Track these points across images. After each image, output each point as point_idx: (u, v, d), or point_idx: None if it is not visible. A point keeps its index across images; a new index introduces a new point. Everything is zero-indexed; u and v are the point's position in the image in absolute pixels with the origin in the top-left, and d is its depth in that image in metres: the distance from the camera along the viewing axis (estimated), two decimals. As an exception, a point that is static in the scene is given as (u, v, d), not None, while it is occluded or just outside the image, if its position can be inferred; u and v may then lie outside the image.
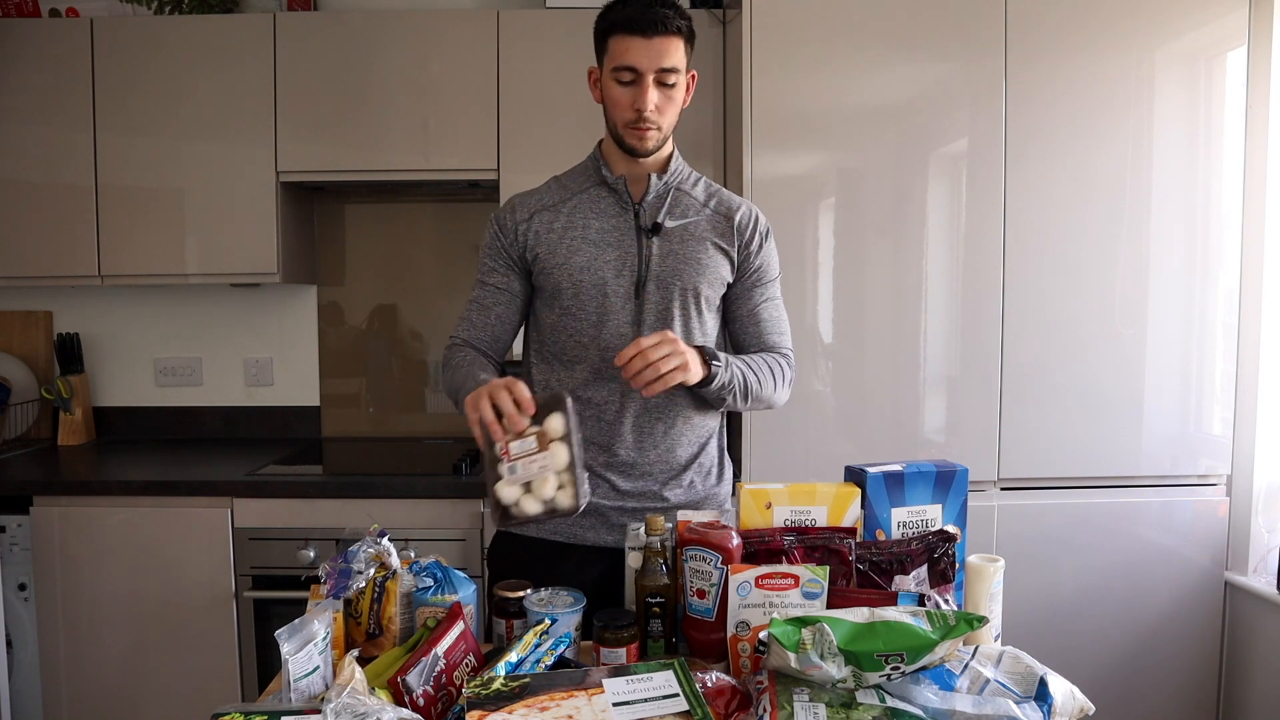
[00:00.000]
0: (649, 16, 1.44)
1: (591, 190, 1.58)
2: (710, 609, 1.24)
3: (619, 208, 1.57)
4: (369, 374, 2.99)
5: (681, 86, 1.51)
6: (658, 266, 1.54)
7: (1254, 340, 2.33)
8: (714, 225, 1.59)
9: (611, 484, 1.57)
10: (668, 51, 1.46)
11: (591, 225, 1.56)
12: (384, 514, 2.29)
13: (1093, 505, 2.34)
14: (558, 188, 1.61)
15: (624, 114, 1.49)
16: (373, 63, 2.56)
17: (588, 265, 1.54)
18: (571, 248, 1.55)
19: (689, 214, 1.58)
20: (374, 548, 1.26)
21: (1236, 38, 2.28)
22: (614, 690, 1.03)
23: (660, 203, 1.57)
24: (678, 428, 1.58)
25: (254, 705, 1.02)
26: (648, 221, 1.56)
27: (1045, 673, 1.07)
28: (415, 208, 2.94)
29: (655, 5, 1.46)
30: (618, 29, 1.47)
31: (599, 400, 1.56)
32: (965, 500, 1.38)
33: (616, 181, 1.56)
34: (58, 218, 2.58)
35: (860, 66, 2.27)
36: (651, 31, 1.44)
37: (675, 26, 1.46)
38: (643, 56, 1.45)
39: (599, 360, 1.55)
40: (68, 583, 2.35)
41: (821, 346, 2.34)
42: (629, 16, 1.46)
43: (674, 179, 1.59)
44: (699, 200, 1.61)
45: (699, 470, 1.62)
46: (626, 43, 1.46)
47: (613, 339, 1.54)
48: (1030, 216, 2.29)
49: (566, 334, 1.57)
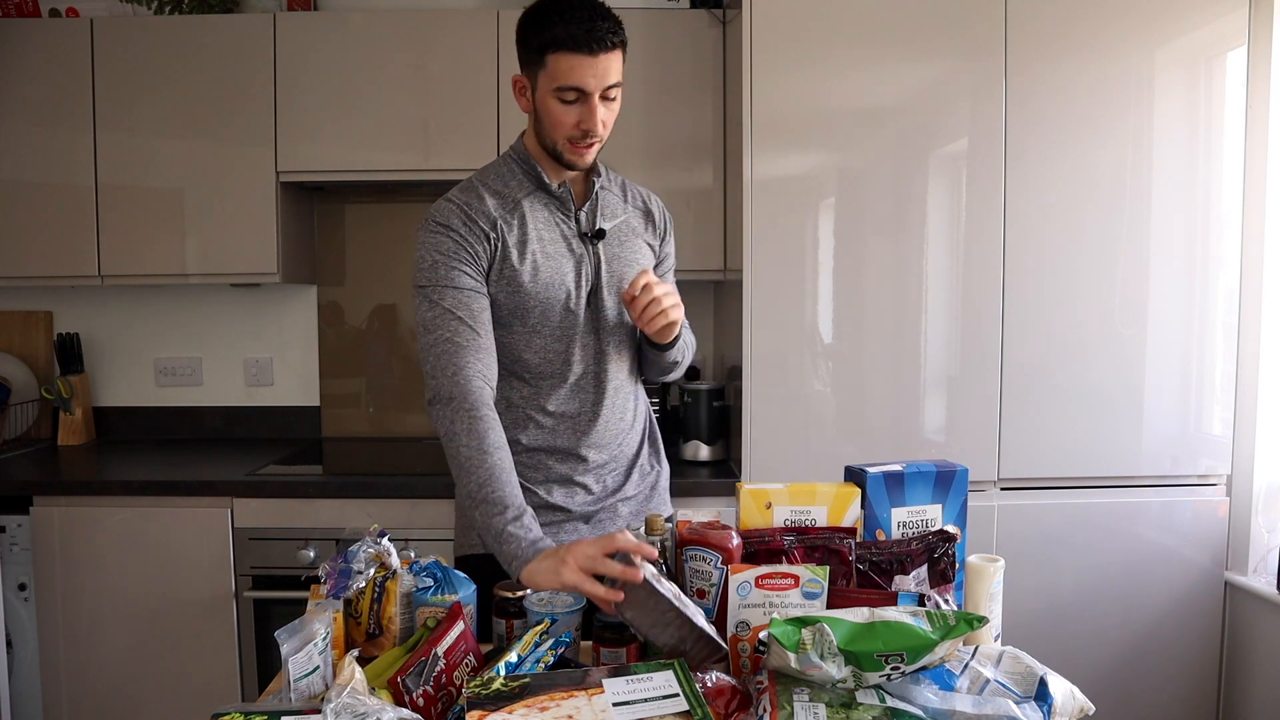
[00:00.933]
0: (594, 34, 1.37)
1: (532, 196, 1.52)
2: (710, 609, 1.24)
3: (563, 214, 1.54)
4: (369, 374, 2.99)
5: (619, 96, 1.46)
6: (606, 272, 1.54)
7: (1254, 340, 2.33)
8: (639, 221, 1.62)
9: (586, 488, 1.59)
10: (612, 68, 1.41)
11: (544, 236, 1.51)
12: (384, 514, 2.29)
13: (1093, 505, 2.34)
14: (493, 194, 1.51)
15: (567, 131, 1.44)
16: (373, 63, 2.56)
17: (551, 281, 1.50)
18: (535, 265, 1.49)
19: (617, 213, 1.59)
20: (374, 548, 1.26)
21: (1236, 38, 2.28)
22: (614, 690, 1.03)
23: (595, 204, 1.56)
24: (627, 420, 1.62)
25: (254, 705, 1.02)
26: (589, 227, 1.55)
27: (1045, 673, 1.07)
28: (415, 208, 2.94)
29: (596, 19, 1.38)
30: (559, 47, 1.38)
31: (572, 412, 1.57)
32: (965, 500, 1.38)
33: (561, 190, 1.52)
34: (58, 218, 2.58)
35: (860, 66, 2.27)
36: (597, 49, 1.37)
37: (617, 41, 1.40)
38: (589, 76, 1.39)
39: (571, 375, 1.55)
40: (68, 583, 2.35)
41: (821, 346, 2.34)
42: (572, 35, 1.37)
43: (604, 178, 1.58)
44: (619, 197, 1.61)
45: (646, 456, 1.68)
46: (570, 61, 1.38)
47: (579, 350, 1.54)
48: (1030, 216, 2.29)
49: (532, 352, 1.53)
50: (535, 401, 1.55)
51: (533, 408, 1.56)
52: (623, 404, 1.61)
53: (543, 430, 1.56)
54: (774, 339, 2.31)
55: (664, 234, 1.67)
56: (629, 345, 1.61)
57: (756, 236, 2.28)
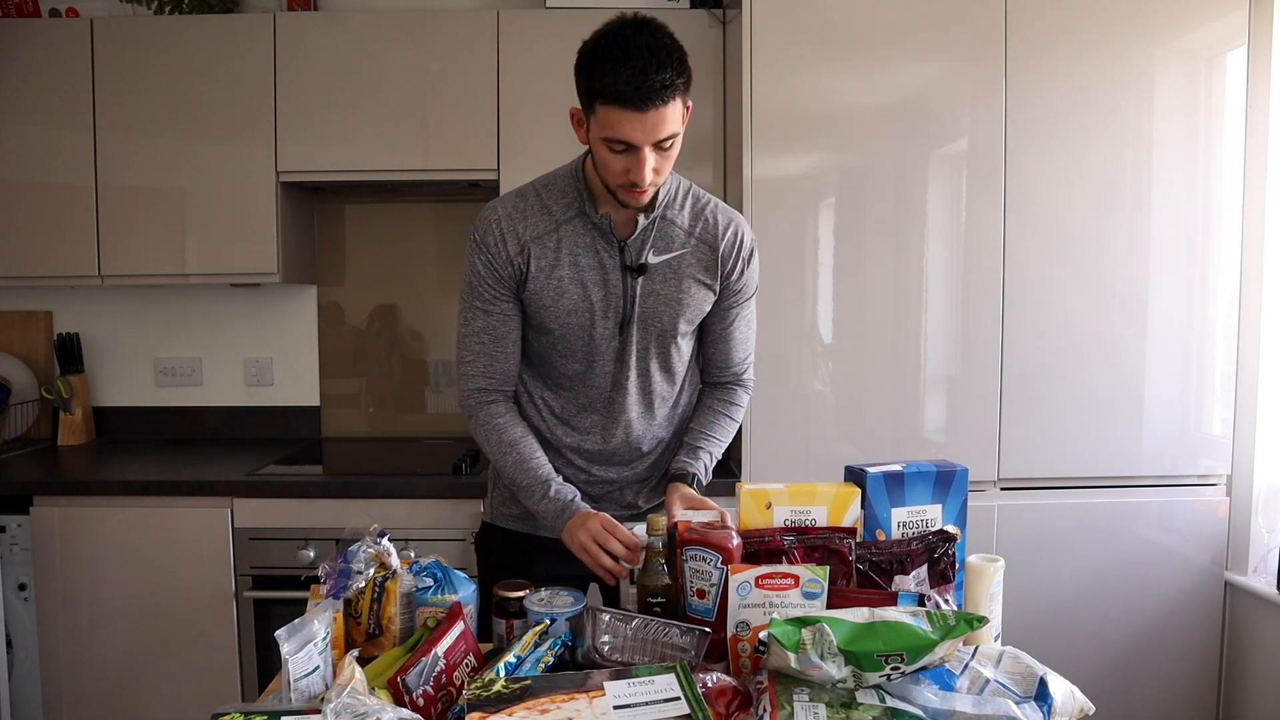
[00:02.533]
0: (645, 89, 1.27)
1: (575, 221, 1.49)
2: (710, 609, 1.24)
3: (605, 243, 1.50)
4: (369, 374, 2.99)
5: (679, 141, 1.38)
6: (641, 306, 1.52)
7: (1254, 340, 2.33)
8: (698, 258, 1.53)
9: (588, 489, 1.62)
10: (665, 121, 1.31)
11: (580, 263, 1.49)
12: (384, 514, 2.29)
13: (1093, 505, 2.34)
14: (541, 210, 1.50)
15: (617, 179, 1.38)
16: (373, 63, 2.56)
17: (574, 308, 1.50)
18: (560, 289, 1.49)
19: (673, 246, 1.52)
20: (374, 548, 1.26)
21: (1236, 38, 2.28)
22: (615, 693, 1.03)
23: (645, 236, 1.50)
24: (641, 450, 1.64)
25: (254, 705, 1.02)
26: (633, 259, 1.50)
27: (1045, 673, 1.07)
28: (415, 208, 2.94)
29: (650, 71, 1.27)
30: (608, 99, 1.30)
31: (583, 429, 1.60)
32: (965, 500, 1.38)
33: (602, 220, 1.48)
34: (58, 218, 2.58)
35: (860, 66, 2.27)
36: (648, 106, 1.28)
37: (673, 94, 1.30)
38: (638, 132, 1.31)
39: (584, 394, 1.58)
40: (68, 583, 2.35)
41: (821, 346, 2.34)
42: (621, 90, 1.28)
43: (660, 210, 1.50)
44: (683, 229, 1.53)
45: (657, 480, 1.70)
46: (619, 115, 1.30)
47: (597, 376, 1.56)
48: (1030, 216, 2.29)
49: (552, 364, 1.58)
50: (555, 408, 1.61)
51: (552, 413, 1.61)
52: (637, 435, 1.60)
53: (557, 434, 1.61)
54: (774, 339, 2.31)
55: (731, 273, 1.57)
56: (658, 380, 1.59)
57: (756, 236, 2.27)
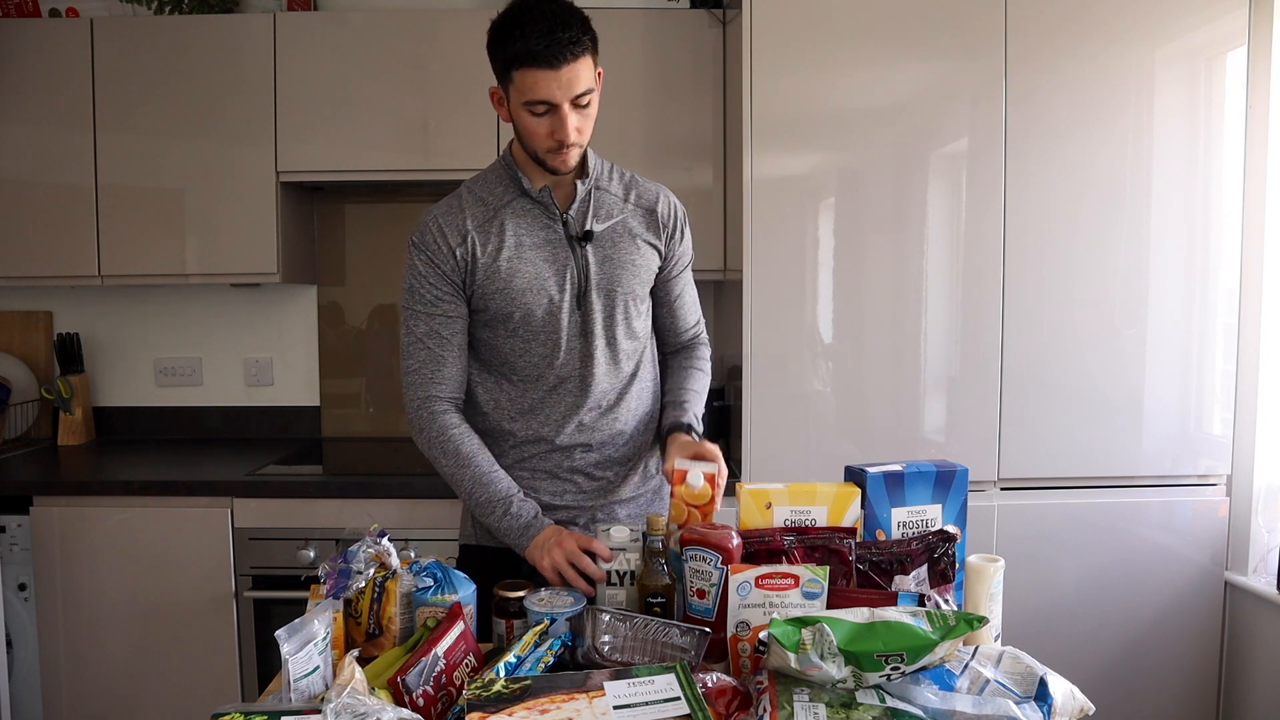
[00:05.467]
0: (554, 48, 1.35)
1: (514, 203, 1.52)
2: (710, 609, 1.25)
3: (547, 219, 1.52)
4: (369, 374, 2.99)
5: (596, 99, 1.44)
6: (597, 274, 1.53)
7: (1254, 340, 2.33)
8: (639, 220, 1.58)
9: (576, 485, 1.60)
10: (578, 77, 1.38)
11: (524, 242, 1.51)
12: (384, 514, 2.29)
13: (1093, 505, 2.34)
14: (476, 202, 1.53)
15: (543, 142, 1.43)
16: (372, 63, 2.56)
17: (529, 287, 1.51)
18: (512, 269, 1.50)
19: (613, 214, 1.56)
20: (374, 548, 1.26)
21: (1236, 38, 2.27)
22: (615, 693, 1.03)
23: (585, 207, 1.54)
24: (619, 424, 1.61)
25: (254, 705, 1.02)
26: (577, 229, 1.52)
27: (1045, 673, 1.07)
28: (415, 208, 2.93)
29: (556, 30, 1.35)
30: (522, 63, 1.37)
31: (557, 415, 1.57)
32: (965, 500, 1.38)
33: (541, 194, 1.51)
34: (58, 218, 2.58)
35: (860, 66, 2.27)
36: (559, 61, 1.36)
37: (581, 50, 1.38)
38: (554, 88, 1.37)
39: (553, 377, 1.56)
40: (68, 583, 2.35)
41: (821, 346, 2.34)
42: (532, 51, 1.35)
43: (593, 179, 1.54)
44: (619, 197, 1.58)
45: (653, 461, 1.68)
46: (534, 76, 1.37)
47: (564, 354, 1.55)
48: (1030, 216, 2.29)
49: (515, 355, 1.56)
50: (521, 403, 1.58)
51: (518, 409, 1.58)
52: (612, 408, 1.59)
53: (529, 428, 1.58)
54: (774, 339, 2.31)
55: (673, 232, 1.62)
56: (625, 349, 1.59)
57: (756, 236, 2.28)
